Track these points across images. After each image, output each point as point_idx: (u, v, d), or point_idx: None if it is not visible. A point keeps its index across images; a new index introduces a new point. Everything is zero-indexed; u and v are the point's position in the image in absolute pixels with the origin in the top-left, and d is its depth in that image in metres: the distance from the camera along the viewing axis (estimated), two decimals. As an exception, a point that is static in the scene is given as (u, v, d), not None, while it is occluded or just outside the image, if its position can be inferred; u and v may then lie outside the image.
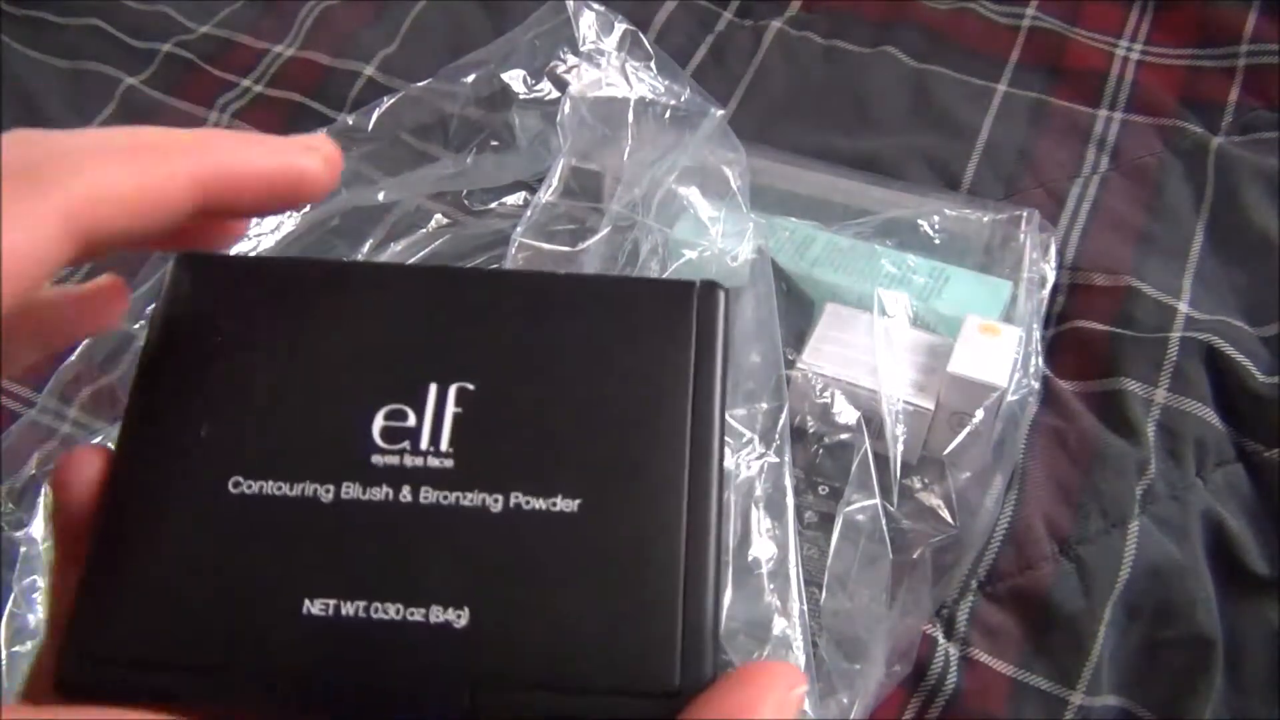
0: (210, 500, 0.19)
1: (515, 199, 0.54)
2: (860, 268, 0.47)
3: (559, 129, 0.46)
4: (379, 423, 0.20)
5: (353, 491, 0.19)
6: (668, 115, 0.46)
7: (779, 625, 0.36)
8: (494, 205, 0.54)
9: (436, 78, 0.54)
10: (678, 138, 0.45)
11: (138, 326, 0.46)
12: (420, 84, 0.54)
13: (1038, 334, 0.46)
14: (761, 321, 0.41)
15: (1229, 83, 0.59)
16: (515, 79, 0.52)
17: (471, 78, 0.53)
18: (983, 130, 0.58)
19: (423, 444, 0.20)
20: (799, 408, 0.43)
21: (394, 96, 0.53)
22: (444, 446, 0.20)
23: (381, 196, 0.51)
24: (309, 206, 0.51)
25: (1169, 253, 0.52)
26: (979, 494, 0.43)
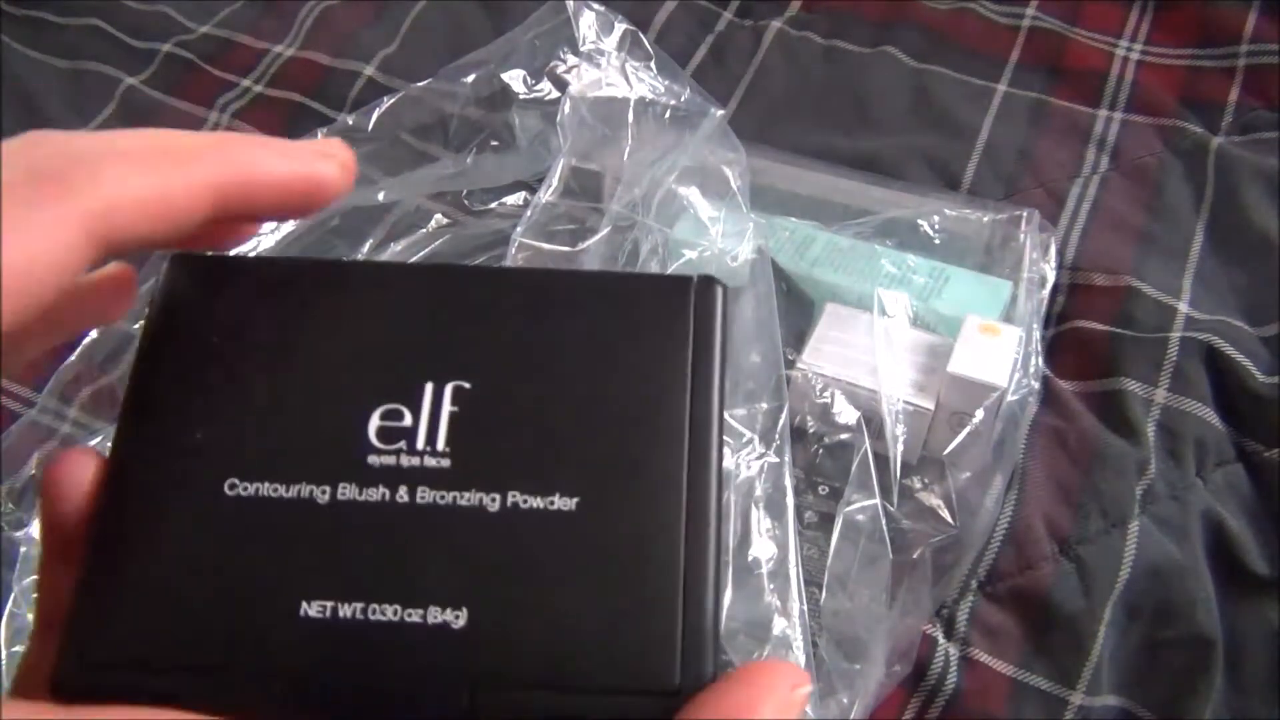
0: (206, 503, 0.19)
1: (515, 199, 0.54)
2: (860, 268, 0.47)
3: (559, 129, 0.46)
4: (375, 423, 0.20)
5: (349, 492, 0.19)
6: (668, 115, 0.46)
7: (779, 625, 0.36)
8: (494, 205, 0.54)
9: (436, 78, 0.54)
10: (678, 138, 0.45)
11: (137, 326, 0.46)
12: (420, 84, 0.54)
13: (1038, 334, 0.46)
14: (761, 321, 0.41)
15: (1229, 83, 0.59)
16: (515, 79, 0.52)
17: (471, 78, 0.53)
18: (983, 130, 0.58)
19: (419, 444, 0.20)
20: (799, 408, 0.43)
21: (394, 96, 0.53)
22: (440, 446, 0.20)
23: (381, 196, 0.51)
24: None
25: (1169, 253, 0.52)
26: (979, 494, 0.43)
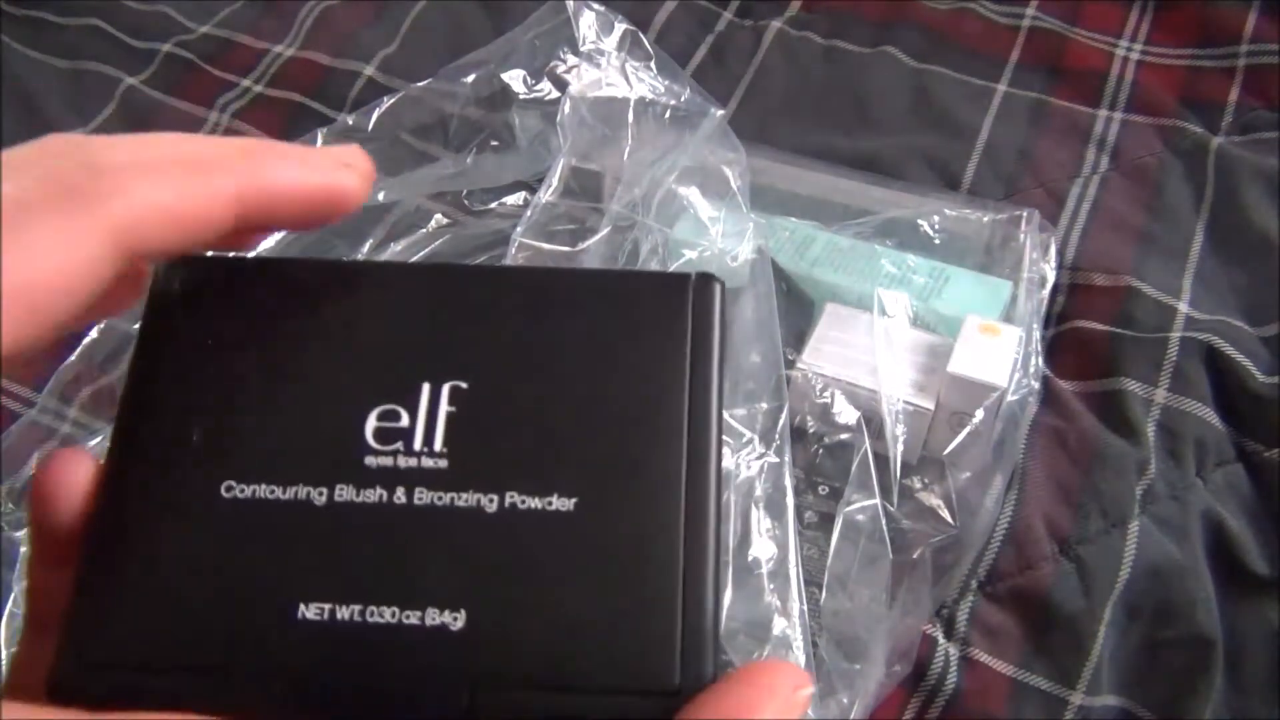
0: (203, 505, 0.19)
1: (515, 199, 0.54)
2: (860, 268, 0.47)
3: (559, 129, 0.46)
4: (372, 423, 0.20)
5: (346, 494, 0.19)
6: (668, 115, 0.46)
7: (779, 625, 0.36)
8: (494, 205, 0.54)
9: (436, 78, 0.53)
10: (678, 138, 0.45)
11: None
12: (420, 84, 0.54)
13: (1038, 334, 0.46)
14: (761, 321, 0.41)
15: (1229, 83, 0.59)
16: (515, 79, 0.52)
17: (471, 78, 0.53)
18: (983, 130, 0.58)
19: (416, 444, 0.20)
20: (799, 408, 0.43)
21: (394, 96, 0.53)
22: (438, 447, 0.20)
23: (381, 196, 0.51)
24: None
25: (1169, 253, 0.52)
26: (979, 494, 0.43)
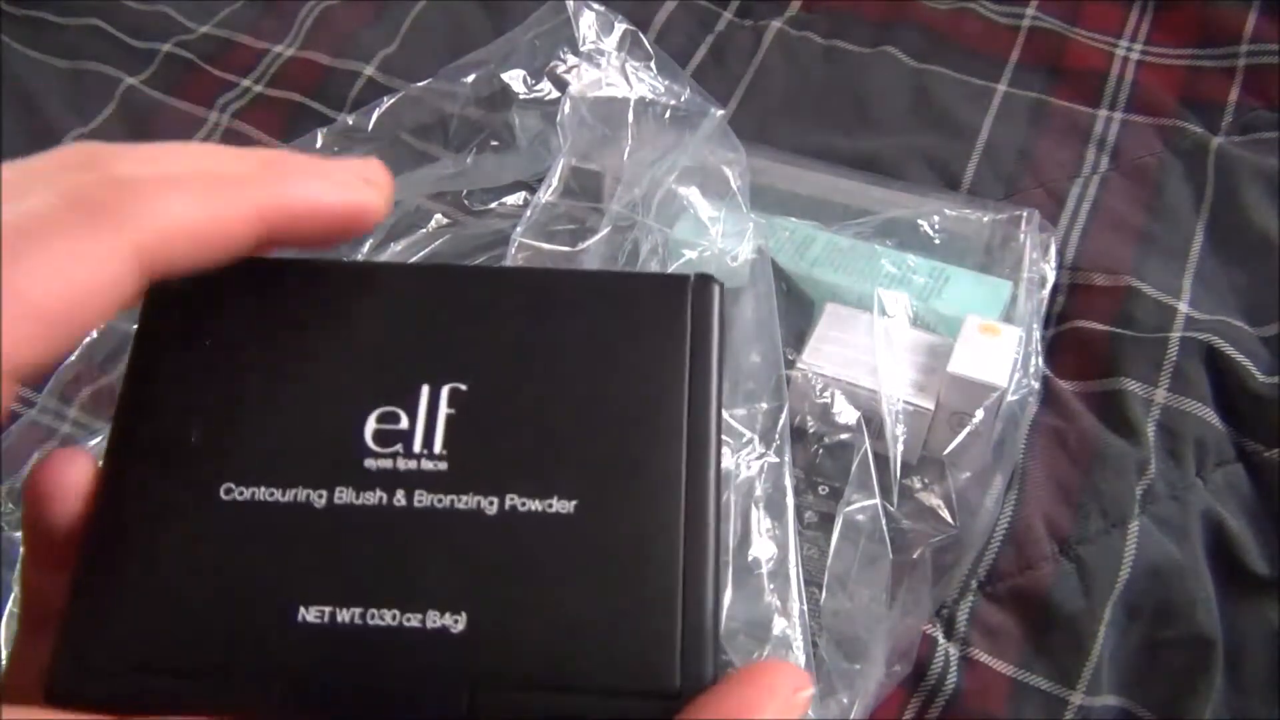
0: (202, 507, 0.19)
1: (515, 199, 0.54)
2: (860, 268, 0.47)
3: (559, 129, 0.46)
4: (371, 426, 0.20)
5: (346, 496, 0.19)
6: (668, 115, 0.46)
7: (779, 625, 0.36)
8: (494, 205, 0.54)
9: (436, 78, 0.53)
10: (678, 138, 0.45)
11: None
12: (420, 84, 0.54)
13: (1038, 334, 0.46)
14: (761, 321, 0.41)
15: (1229, 83, 0.59)
16: (515, 79, 0.52)
17: (471, 78, 0.53)
18: (983, 130, 0.58)
19: (415, 446, 0.20)
20: (799, 408, 0.43)
21: (394, 96, 0.53)
22: (437, 449, 0.20)
23: (381, 196, 0.51)
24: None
25: (1169, 253, 0.52)
26: (979, 494, 0.43)
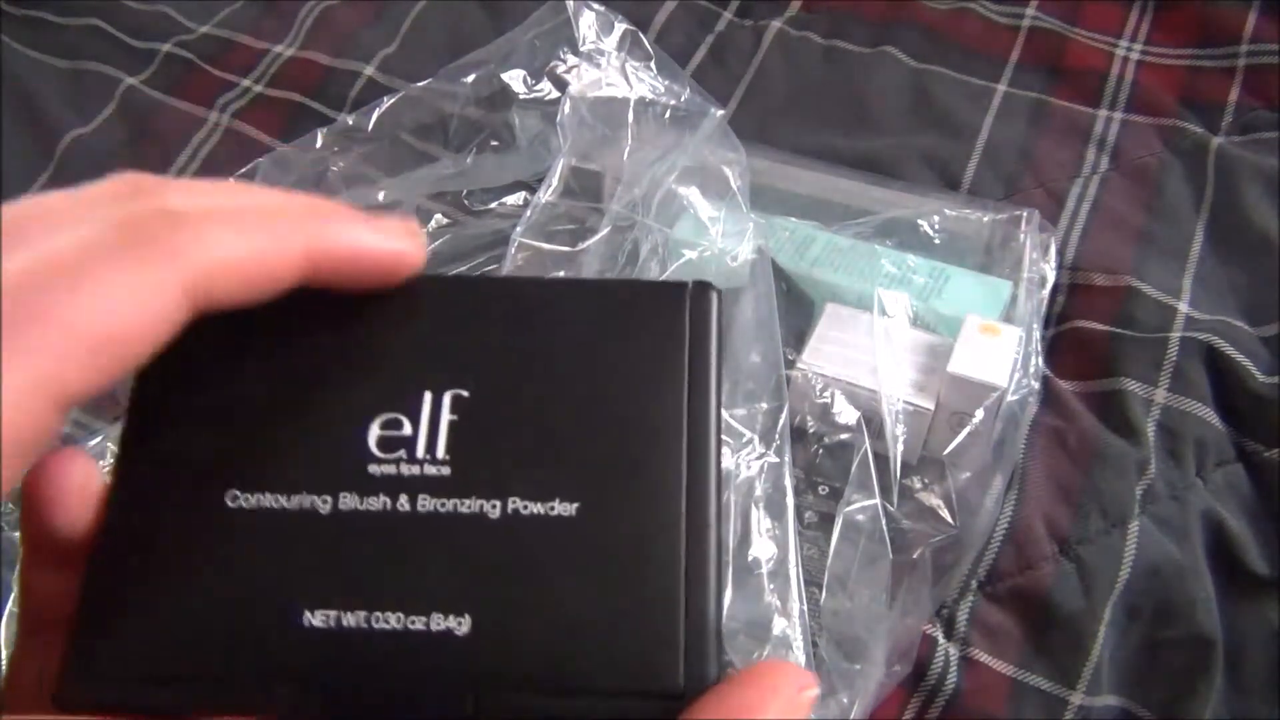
0: (208, 514, 0.19)
1: (515, 199, 0.54)
2: (860, 268, 0.47)
3: (559, 129, 0.46)
4: (375, 432, 0.20)
5: (350, 502, 0.19)
6: (668, 115, 0.46)
7: (779, 625, 0.36)
8: (494, 205, 0.54)
9: (436, 78, 0.54)
10: (678, 138, 0.45)
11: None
12: (420, 84, 0.54)
13: (1038, 334, 0.46)
14: (761, 321, 0.41)
15: (1229, 83, 0.59)
16: (515, 79, 0.52)
17: (471, 78, 0.53)
18: (983, 130, 0.58)
19: (419, 452, 0.20)
20: (799, 408, 0.43)
21: (394, 96, 0.53)
22: (440, 454, 0.20)
23: (381, 196, 0.51)
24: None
25: (1169, 253, 0.52)
26: (979, 494, 0.43)
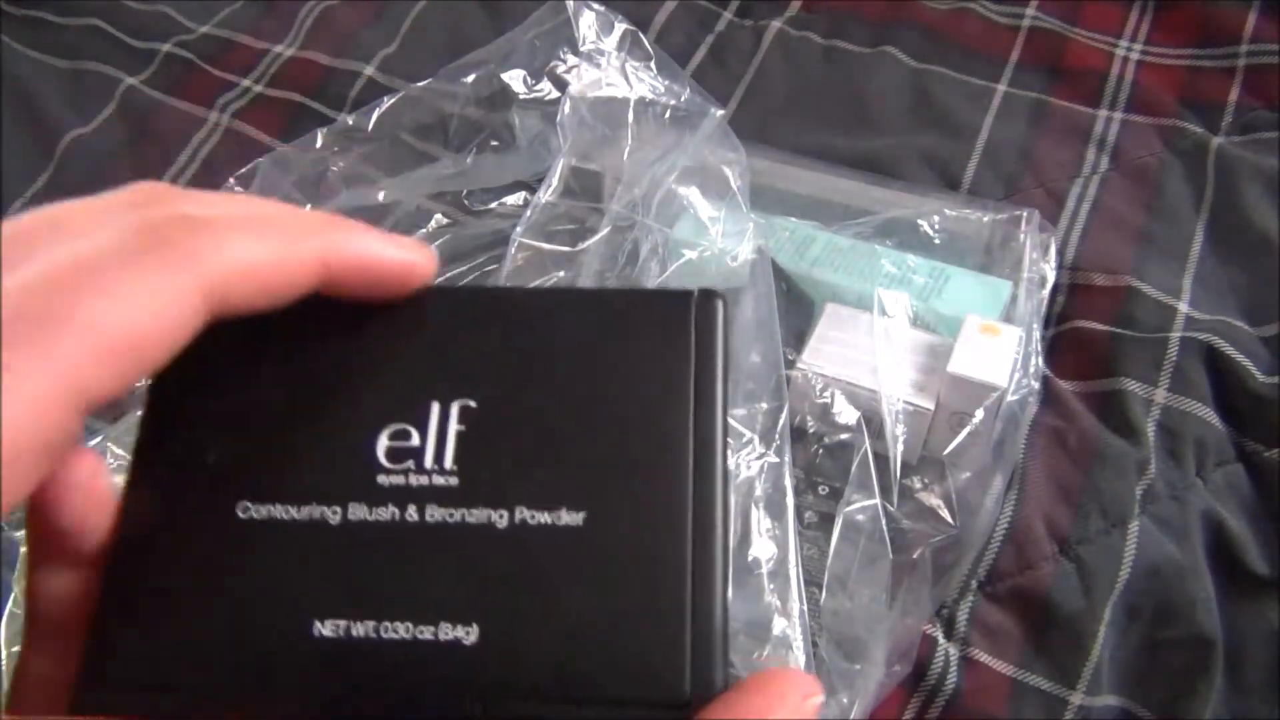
0: (219, 525, 0.20)
1: (515, 199, 0.54)
2: (860, 268, 0.47)
3: (559, 129, 0.46)
4: (383, 443, 0.20)
5: (359, 512, 0.20)
6: (668, 115, 0.46)
7: (779, 625, 0.36)
8: (494, 205, 0.54)
9: (436, 78, 0.54)
10: (678, 138, 0.45)
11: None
12: (420, 84, 0.54)
13: (1038, 334, 0.46)
14: (761, 321, 0.41)
15: (1229, 83, 0.59)
16: (515, 79, 0.52)
17: (471, 78, 0.53)
18: (983, 130, 0.58)
19: (427, 462, 0.20)
20: (799, 408, 0.43)
21: (394, 96, 0.53)
22: (448, 464, 0.20)
23: (381, 196, 0.51)
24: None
25: (1169, 253, 0.52)
26: (979, 494, 0.43)
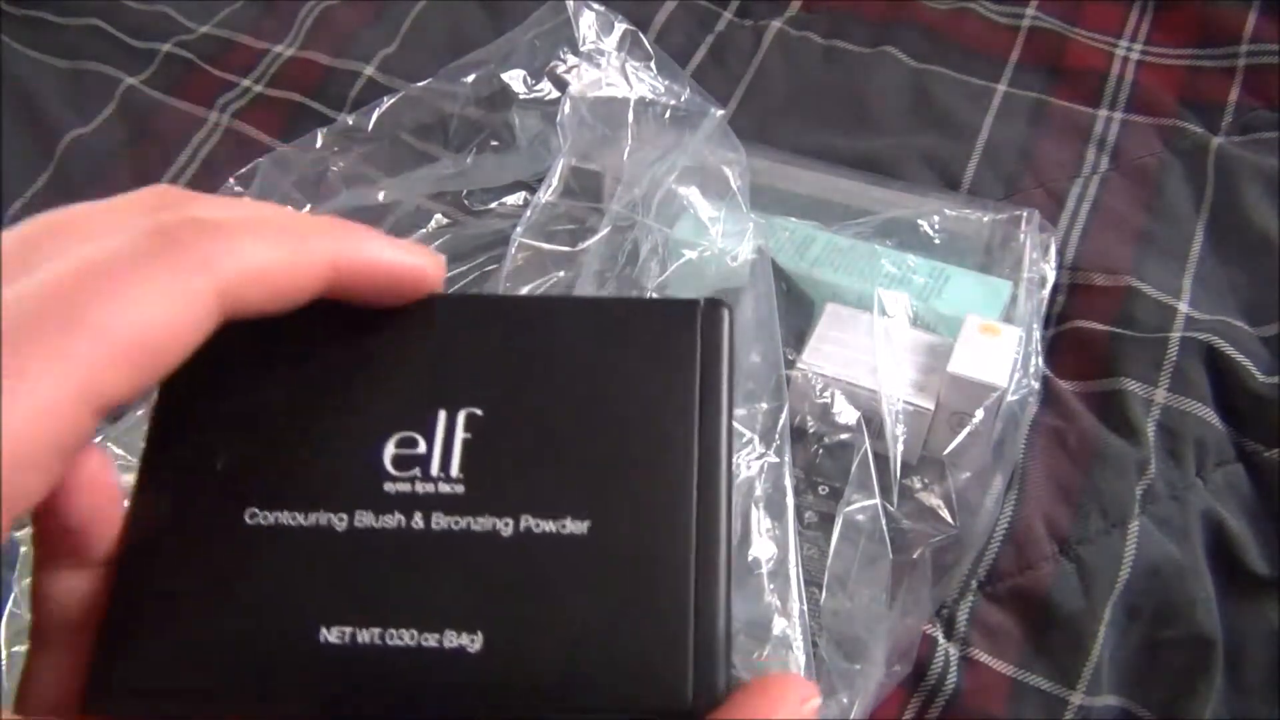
0: (228, 531, 0.20)
1: (515, 199, 0.54)
2: (860, 268, 0.47)
3: (559, 129, 0.46)
4: (390, 450, 0.20)
5: (366, 520, 0.20)
6: (668, 115, 0.46)
7: (779, 625, 0.36)
8: (494, 205, 0.54)
9: (436, 78, 0.54)
10: (678, 138, 0.45)
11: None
12: (420, 84, 0.54)
13: (1038, 334, 0.46)
14: (761, 321, 0.41)
15: (1229, 83, 0.59)
16: (515, 79, 0.52)
17: (471, 78, 0.53)
18: (983, 130, 0.58)
19: (433, 470, 0.20)
20: (799, 408, 0.43)
21: (394, 96, 0.53)
22: (454, 472, 0.20)
23: (381, 196, 0.51)
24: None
25: (1169, 253, 0.52)
26: (979, 494, 0.43)
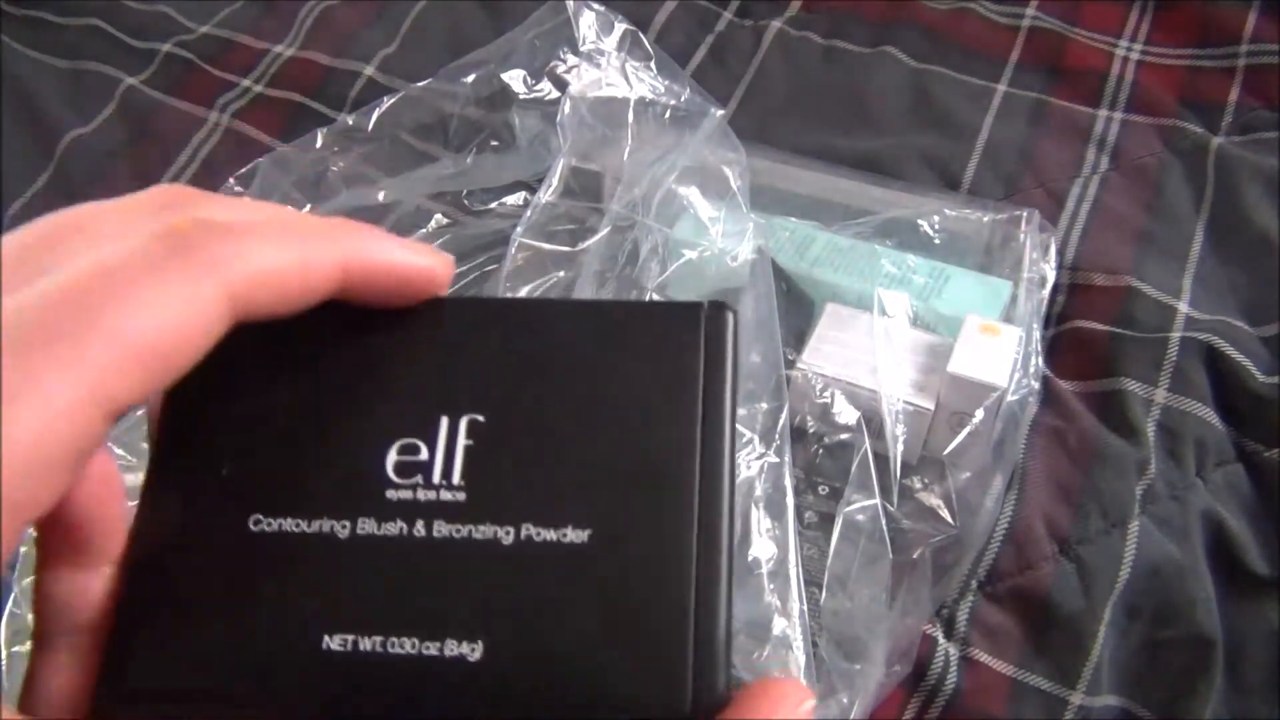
0: (232, 538, 0.20)
1: (515, 199, 0.54)
2: (860, 268, 0.47)
3: (559, 129, 0.46)
4: (392, 457, 0.20)
5: (368, 527, 0.20)
6: (668, 115, 0.46)
7: (779, 625, 0.36)
8: (494, 205, 0.54)
9: (436, 78, 0.54)
10: (678, 138, 0.45)
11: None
12: (420, 84, 0.54)
13: (1038, 334, 0.46)
14: (761, 321, 0.41)
15: (1229, 83, 0.59)
16: (515, 79, 0.52)
17: (471, 78, 0.53)
18: (983, 130, 0.58)
19: (435, 477, 0.20)
20: (799, 408, 0.43)
21: (394, 96, 0.53)
22: (456, 479, 0.20)
23: (381, 196, 0.51)
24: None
25: (1169, 253, 0.52)
26: (979, 494, 0.43)
